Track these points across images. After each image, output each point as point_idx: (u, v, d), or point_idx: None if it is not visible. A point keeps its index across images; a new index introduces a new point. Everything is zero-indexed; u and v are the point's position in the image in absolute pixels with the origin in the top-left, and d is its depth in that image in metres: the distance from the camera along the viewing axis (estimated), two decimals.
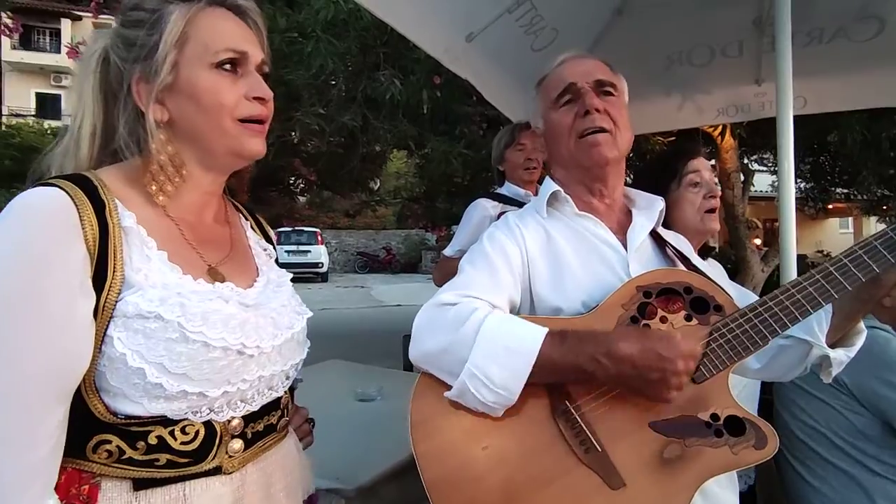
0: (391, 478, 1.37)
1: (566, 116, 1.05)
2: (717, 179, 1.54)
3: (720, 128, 4.22)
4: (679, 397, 0.88)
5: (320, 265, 17.30)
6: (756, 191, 8.69)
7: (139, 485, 0.67)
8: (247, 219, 0.97)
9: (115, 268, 0.66)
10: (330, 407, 1.07)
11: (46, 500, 0.61)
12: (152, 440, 0.67)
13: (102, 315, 0.65)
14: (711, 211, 1.48)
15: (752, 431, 0.88)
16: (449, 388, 0.90)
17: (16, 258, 0.61)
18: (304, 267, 16.25)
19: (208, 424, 0.71)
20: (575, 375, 0.87)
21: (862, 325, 0.99)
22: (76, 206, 0.65)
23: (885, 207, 6.05)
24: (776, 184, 1.94)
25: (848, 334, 0.98)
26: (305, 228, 17.24)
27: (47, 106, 23.97)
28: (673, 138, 4.10)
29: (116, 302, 0.66)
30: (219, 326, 0.70)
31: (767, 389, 1.64)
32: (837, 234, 19.24)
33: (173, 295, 0.68)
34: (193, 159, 0.78)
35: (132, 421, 0.67)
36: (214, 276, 0.76)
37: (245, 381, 0.74)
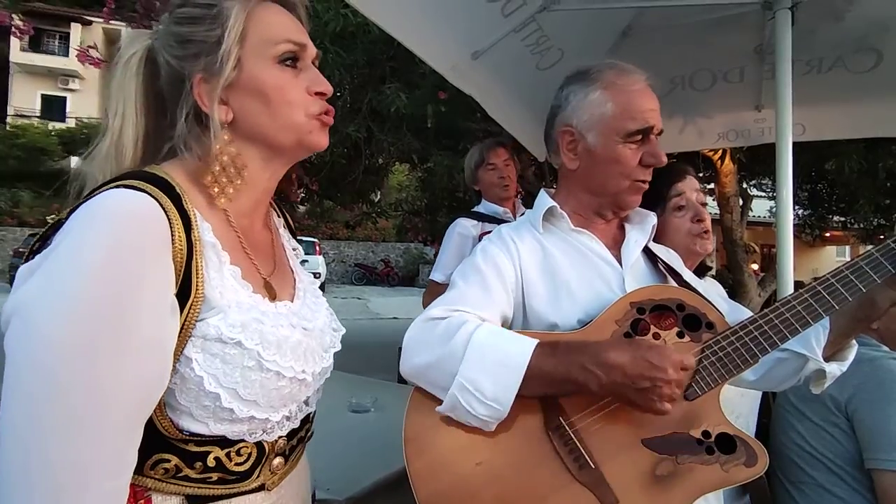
0: (383, 489, 1.36)
1: (634, 156, 1.01)
2: (704, 201, 1.54)
3: (720, 152, 4.26)
4: (672, 413, 0.89)
5: (317, 275, 17.29)
6: (754, 216, 8.72)
7: (192, 501, 0.66)
8: (279, 216, 0.95)
9: (196, 286, 0.63)
10: (323, 417, 1.06)
11: None
12: (210, 462, 0.67)
13: (182, 334, 0.62)
14: (704, 233, 1.48)
15: (743, 449, 0.89)
16: (441, 402, 0.89)
17: (106, 273, 0.55)
18: None
19: (259, 444, 0.72)
20: (566, 386, 0.87)
21: (854, 340, 1.02)
22: (168, 217, 0.61)
23: (881, 237, 6.06)
24: (774, 210, 1.96)
25: (841, 349, 1.01)
26: (304, 238, 17.25)
27: (53, 108, 24.13)
28: (674, 160, 4.13)
29: (196, 321, 0.63)
30: (289, 355, 0.70)
31: (764, 413, 1.63)
32: (834, 261, 19.24)
33: (252, 321, 0.67)
34: (255, 157, 0.75)
35: (192, 439, 0.65)
36: (269, 290, 0.76)
37: (295, 402, 0.76)
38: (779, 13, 1.77)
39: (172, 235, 0.61)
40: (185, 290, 0.62)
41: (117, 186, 0.60)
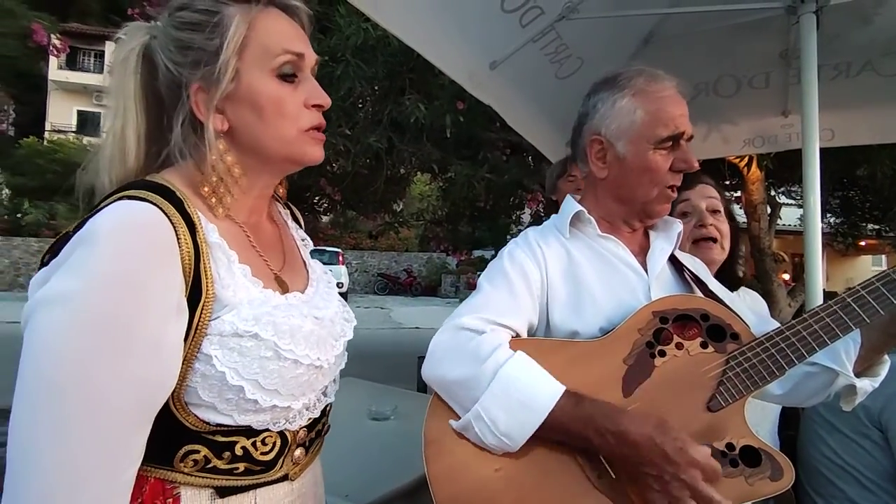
0: (401, 497, 1.36)
1: (665, 162, 1.00)
2: (718, 208, 1.51)
3: (746, 158, 4.18)
4: (694, 426, 0.86)
5: (340, 285, 17.43)
6: (784, 224, 8.52)
7: (221, 493, 0.68)
8: (285, 207, 0.95)
9: (207, 286, 0.65)
10: (343, 424, 1.07)
11: None
12: (238, 451, 0.69)
13: (197, 334, 0.64)
14: (702, 240, 1.44)
15: (768, 462, 0.86)
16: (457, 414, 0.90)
17: (111, 284, 0.57)
18: None
19: (282, 434, 0.74)
20: (579, 442, 0.85)
21: (886, 356, 0.98)
22: (172, 224, 0.62)
23: None
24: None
25: (873, 364, 0.97)
26: (327, 248, 17.44)
27: (88, 123, 25.05)
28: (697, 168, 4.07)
29: (210, 320, 0.65)
30: (303, 343, 0.71)
31: (792, 425, 1.59)
32: (869, 271, 18.62)
33: (265, 314, 0.68)
34: (251, 166, 0.76)
35: (220, 430, 0.67)
36: (281, 284, 0.77)
37: (314, 391, 0.78)
38: (803, 17, 1.74)
39: (178, 240, 0.62)
40: (196, 292, 0.64)
41: (120, 198, 0.62)
